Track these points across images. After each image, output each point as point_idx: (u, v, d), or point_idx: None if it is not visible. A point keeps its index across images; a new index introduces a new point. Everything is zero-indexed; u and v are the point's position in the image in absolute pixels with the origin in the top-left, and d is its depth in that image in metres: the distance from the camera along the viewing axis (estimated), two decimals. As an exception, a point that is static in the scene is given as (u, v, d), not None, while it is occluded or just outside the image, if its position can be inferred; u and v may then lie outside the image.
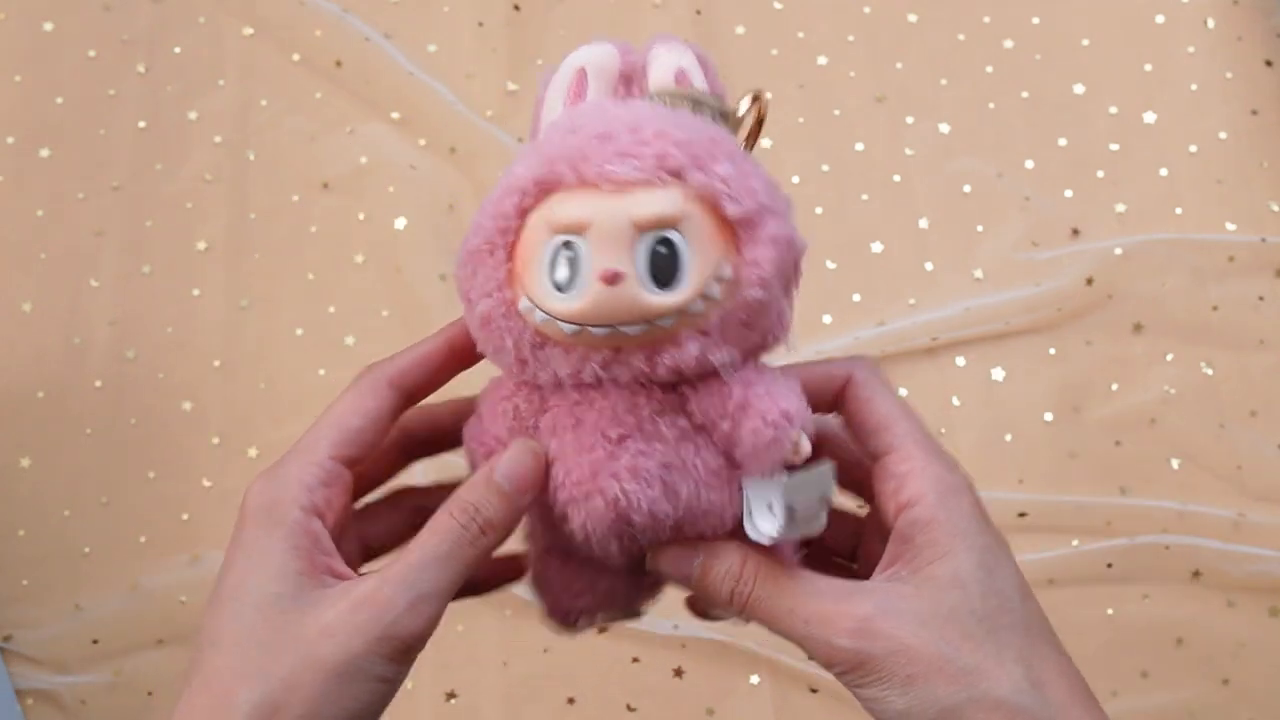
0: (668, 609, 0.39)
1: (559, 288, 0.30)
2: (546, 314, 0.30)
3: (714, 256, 0.31)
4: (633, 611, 0.37)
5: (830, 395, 0.35)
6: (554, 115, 0.33)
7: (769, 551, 0.33)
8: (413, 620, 0.30)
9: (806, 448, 0.32)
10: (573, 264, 0.30)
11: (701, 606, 0.38)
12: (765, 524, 0.32)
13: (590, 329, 0.30)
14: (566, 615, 0.36)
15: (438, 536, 0.32)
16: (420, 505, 0.36)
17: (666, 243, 0.30)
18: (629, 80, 0.34)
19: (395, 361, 0.35)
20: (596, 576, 0.35)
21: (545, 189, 0.31)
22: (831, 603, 0.32)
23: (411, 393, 0.36)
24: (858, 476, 0.36)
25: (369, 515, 0.37)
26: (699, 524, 0.33)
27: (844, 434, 0.37)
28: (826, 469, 0.32)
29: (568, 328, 0.30)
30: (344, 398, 0.35)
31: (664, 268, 0.30)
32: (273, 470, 0.33)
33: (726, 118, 0.35)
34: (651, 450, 0.32)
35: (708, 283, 0.30)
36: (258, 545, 0.32)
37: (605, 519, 0.32)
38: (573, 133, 0.31)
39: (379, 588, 0.31)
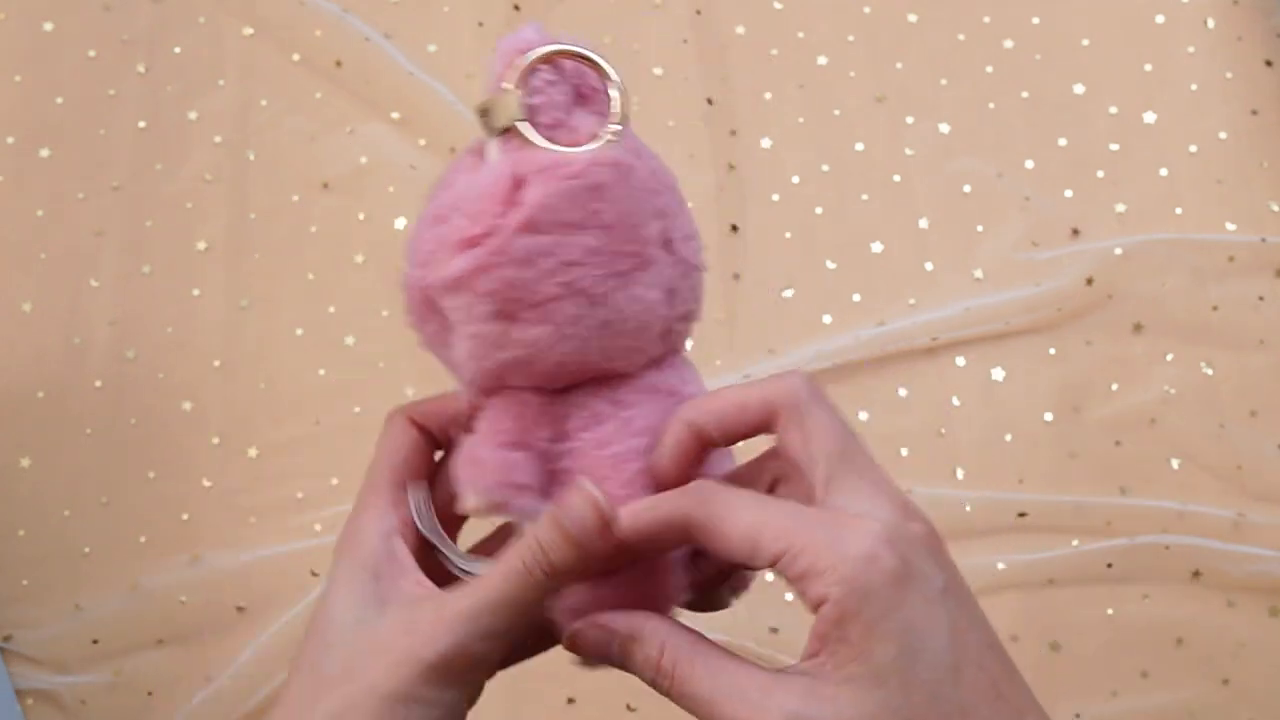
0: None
1: None
2: None
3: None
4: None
5: (678, 540, 0.33)
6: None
7: (683, 631, 0.33)
8: (455, 644, 0.30)
9: None
10: None
11: (701, 602, 0.37)
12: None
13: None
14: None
15: (499, 579, 0.32)
16: None
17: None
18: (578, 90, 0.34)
19: (418, 405, 0.37)
20: (665, 576, 0.35)
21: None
22: (753, 702, 0.30)
23: (434, 431, 0.37)
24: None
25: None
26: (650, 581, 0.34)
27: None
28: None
29: None
30: (379, 444, 0.36)
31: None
32: (351, 516, 0.35)
33: (488, 113, 0.34)
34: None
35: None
36: (340, 574, 0.33)
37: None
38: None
39: (437, 613, 0.31)
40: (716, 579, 0.36)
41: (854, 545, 0.29)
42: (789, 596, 0.38)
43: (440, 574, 0.35)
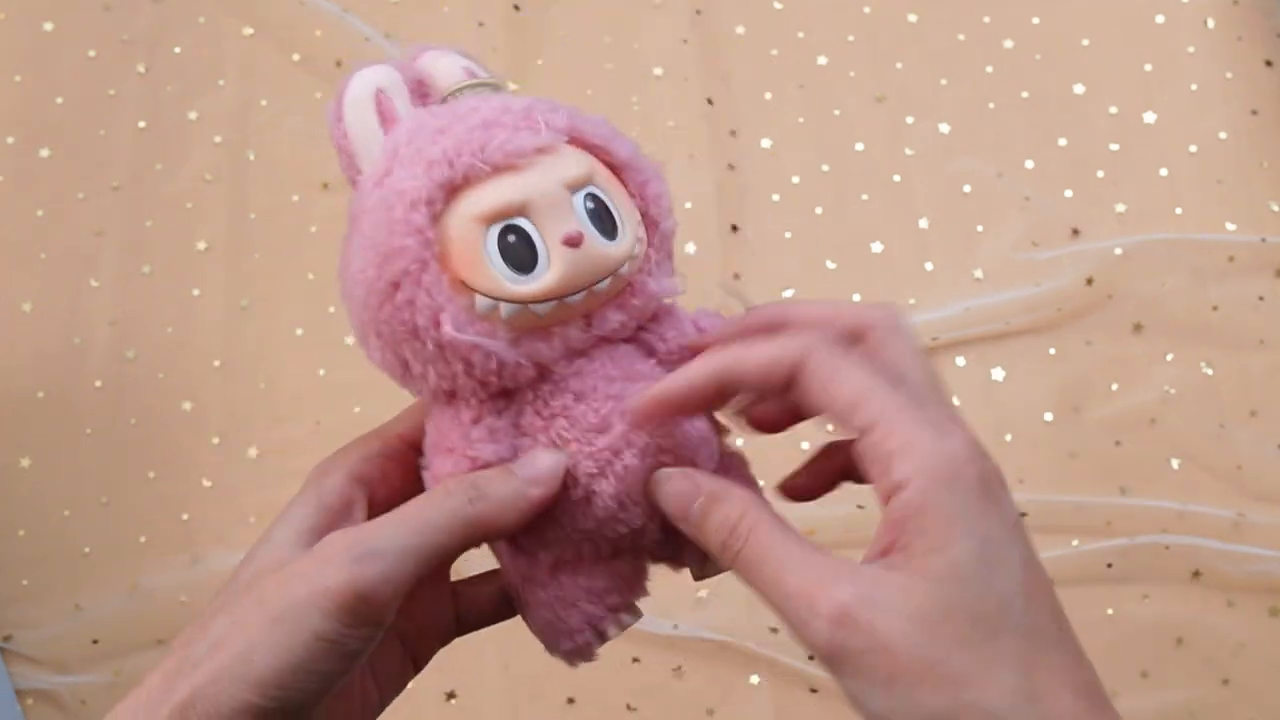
0: (668, 609, 0.39)
1: (521, 269, 0.30)
2: (515, 303, 0.30)
3: (627, 201, 0.33)
4: (635, 608, 0.37)
5: (779, 382, 0.31)
6: (375, 140, 0.33)
7: (764, 506, 0.32)
8: (354, 576, 0.28)
9: None
10: (527, 243, 0.30)
11: (698, 569, 0.36)
12: None
13: (566, 300, 0.31)
14: (597, 624, 0.35)
15: (420, 502, 0.31)
16: None
17: (593, 197, 0.31)
18: (416, 94, 0.34)
19: None
20: (615, 567, 0.35)
21: (450, 189, 0.30)
22: (815, 581, 0.29)
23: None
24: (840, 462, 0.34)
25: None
26: (696, 455, 0.33)
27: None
28: None
29: (542, 308, 0.30)
30: (414, 406, 0.35)
31: (604, 218, 0.31)
32: (347, 445, 0.34)
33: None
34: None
35: (636, 224, 0.32)
36: (293, 503, 0.32)
37: (641, 471, 0.32)
38: (442, 134, 0.31)
39: (338, 540, 0.29)
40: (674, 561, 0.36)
41: (947, 443, 0.29)
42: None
43: None
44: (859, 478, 0.33)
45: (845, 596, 0.28)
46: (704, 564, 0.35)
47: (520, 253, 0.30)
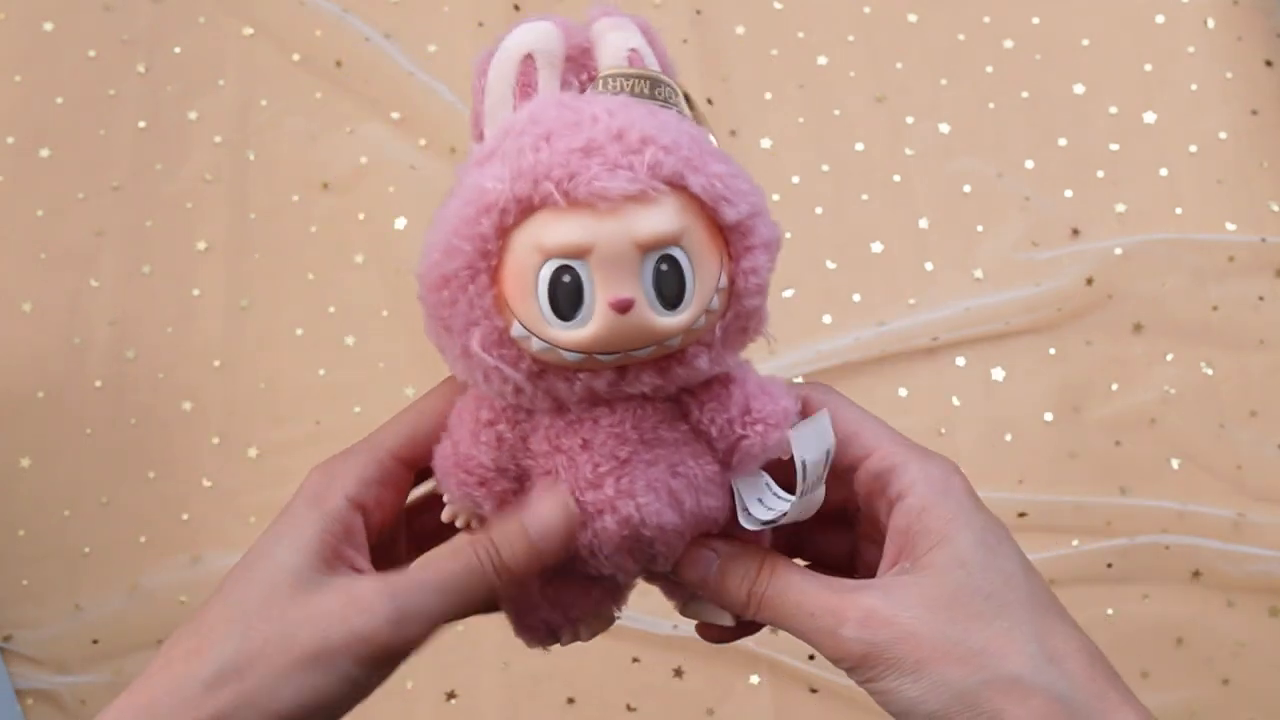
0: (667, 609, 0.39)
1: (560, 315, 0.29)
2: (546, 342, 0.29)
3: (713, 269, 0.30)
4: (609, 617, 0.37)
5: None
6: (503, 109, 0.31)
7: (778, 553, 0.34)
8: (393, 634, 0.30)
9: (788, 440, 0.32)
10: (575, 290, 0.29)
11: (713, 633, 0.37)
12: (758, 511, 0.32)
13: (597, 355, 0.29)
14: (552, 631, 0.35)
15: (450, 563, 0.31)
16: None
17: (669, 259, 0.29)
18: (576, 62, 0.32)
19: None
20: (588, 589, 0.35)
21: (527, 207, 0.29)
22: (838, 596, 0.31)
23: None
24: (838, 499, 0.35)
25: (422, 508, 0.37)
26: (700, 529, 0.33)
27: None
28: (824, 417, 0.32)
29: (572, 356, 0.29)
30: (423, 400, 0.35)
31: (670, 287, 0.29)
32: (333, 459, 0.34)
33: (684, 97, 0.33)
34: (658, 463, 0.32)
35: (709, 297, 0.30)
36: (294, 520, 0.32)
37: (616, 536, 0.32)
38: (546, 141, 0.29)
39: (376, 591, 0.30)
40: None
41: (936, 461, 0.33)
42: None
43: (402, 555, 0.34)
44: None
45: (868, 601, 0.31)
46: (687, 603, 0.36)
47: (567, 297, 0.29)
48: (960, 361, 0.73)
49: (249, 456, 0.71)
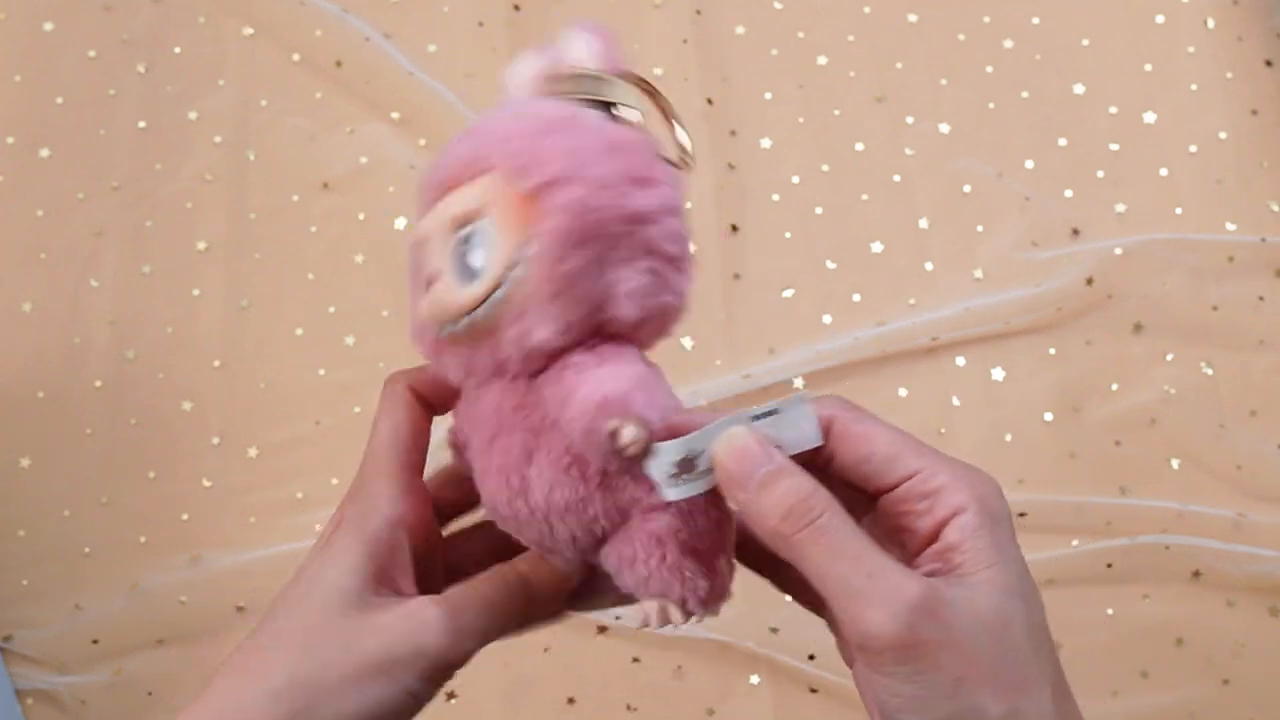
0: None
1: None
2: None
3: (515, 238, 0.30)
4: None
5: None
6: None
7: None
8: (451, 648, 0.32)
9: (630, 436, 0.29)
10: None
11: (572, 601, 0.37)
12: (668, 487, 0.30)
13: (442, 332, 0.31)
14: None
15: (495, 588, 0.33)
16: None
17: (470, 236, 0.30)
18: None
19: (411, 373, 0.36)
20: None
21: (426, 202, 0.32)
22: (896, 569, 0.29)
23: (431, 401, 0.36)
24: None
25: (458, 540, 0.38)
26: (569, 521, 0.31)
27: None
28: (807, 419, 0.31)
29: (435, 333, 0.32)
30: (380, 420, 0.35)
31: (472, 259, 0.30)
32: (356, 489, 0.35)
33: (641, 84, 0.33)
34: (513, 449, 0.31)
35: (508, 266, 0.29)
36: (341, 544, 0.33)
37: (495, 516, 0.33)
38: (460, 139, 0.32)
39: (435, 608, 0.32)
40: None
41: (982, 480, 0.32)
42: (789, 597, 0.37)
43: (426, 585, 0.34)
44: None
45: (925, 588, 0.28)
46: (579, 601, 0.36)
47: (425, 280, 0.32)
48: (960, 361, 0.73)
49: (249, 456, 0.71)
